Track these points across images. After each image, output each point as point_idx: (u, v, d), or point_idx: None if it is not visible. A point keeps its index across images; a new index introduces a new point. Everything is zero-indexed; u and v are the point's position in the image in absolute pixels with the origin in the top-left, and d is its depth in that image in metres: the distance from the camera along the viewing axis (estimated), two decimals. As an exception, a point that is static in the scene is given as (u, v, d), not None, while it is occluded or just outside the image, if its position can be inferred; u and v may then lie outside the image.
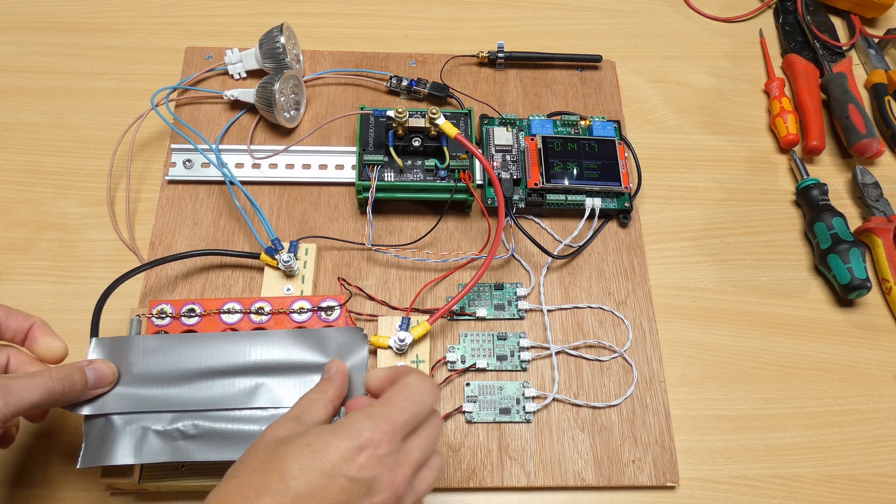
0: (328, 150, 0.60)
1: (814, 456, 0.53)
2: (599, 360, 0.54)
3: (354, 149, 0.59)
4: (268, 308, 0.48)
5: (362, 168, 0.55)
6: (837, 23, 0.75)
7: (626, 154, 0.61)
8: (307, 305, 0.48)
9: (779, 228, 0.63)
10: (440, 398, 0.37)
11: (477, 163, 0.58)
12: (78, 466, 0.41)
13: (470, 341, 0.54)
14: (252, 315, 0.48)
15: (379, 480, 0.34)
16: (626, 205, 0.59)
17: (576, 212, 0.59)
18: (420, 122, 0.55)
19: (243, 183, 0.57)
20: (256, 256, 0.53)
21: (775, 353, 0.57)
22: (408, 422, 0.35)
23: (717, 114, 0.68)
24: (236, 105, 0.63)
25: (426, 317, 0.51)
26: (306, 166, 0.60)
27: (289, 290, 0.53)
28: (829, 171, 0.66)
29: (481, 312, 0.54)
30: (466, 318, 0.55)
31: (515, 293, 0.56)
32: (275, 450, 0.34)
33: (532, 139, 0.60)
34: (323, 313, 0.48)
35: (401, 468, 0.35)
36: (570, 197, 0.59)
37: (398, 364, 0.50)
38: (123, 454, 0.42)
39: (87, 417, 0.42)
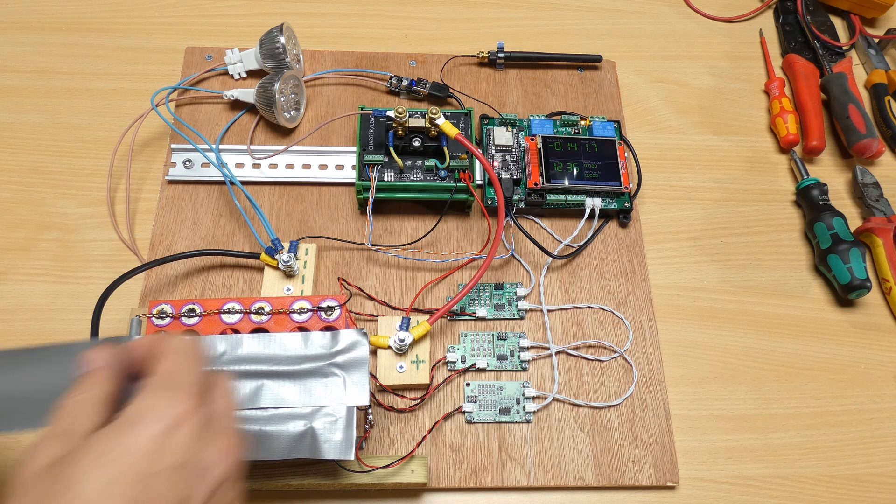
0: (328, 150, 0.60)
1: (814, 456, 0.53)
2: (599, 360, 0.54)
3: (354, 149, 0.59)
4: (268, 308, 0.48)
5: (362, 168, 0.55)
6: (837, 23, 0.75)
7: (626, 154, 0.61)
8: (307, 305, 0.48)
9: (779, 228, 0.63)
10: (204, 349, 0.34)
11: (477, 163, 0.58)
12: (78, 466, 0.41)
13: (470, 341, 0.54)
14: (252, 315, 0.48)
15: (204, 454, 0.28)
16: (626, 205, 0.59)
17: (576, 212, 0.59)
18: (420, 122, 0.55)
19: (243, 183, 0.57)
20: (256, 256, 0.53)
21: (775, 353, 0.57)
22: (199, 383, 0.30)
23: (717, 114, 0.68)
24: (236, 105, 0.63)
25: (426, 317, 0.51)
26: (306, 166, 0.60)
27: (289, 290, 0.53)
28: (829, 171, 0.66)
29: (481, 312, 0.54)
30: (466, 318, 0.55)
31: (515, 293, 0.56)
32: (53, 480, 0.26)
33: (532, 139, 0.60)
34: (323, 313, 0.48)
35: (222, 432, 0.30)
36: (570, 197, 0.59)
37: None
38: (123, 454, 0.42)
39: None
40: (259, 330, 0.48)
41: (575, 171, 0.58)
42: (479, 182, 0.58)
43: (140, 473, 0.26)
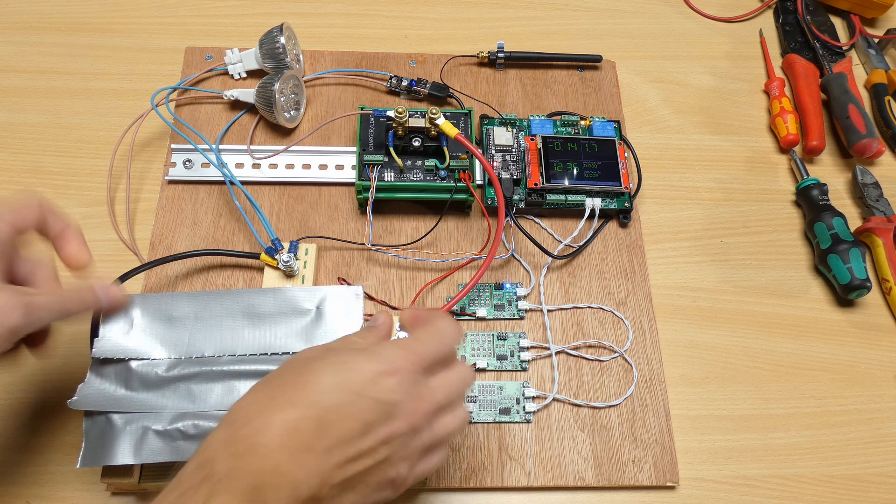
0: (328, 150, 0.60)
1: (814, 456, 0.53)
2: (599, 360, 0.54)
3: (354, 149, 0.59)
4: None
5: (362, 168, 0.55)
6: (837, 23, 0.75)
7: (626, 154, 0.61)
8: (307, 305, 0.48)
9: (779, 228, 0.63)
10: (461, 341, 0.39)
11: (477, 163, 0.58)
12: (78, 466, 0.41)
13: (470, 341, 0.54)
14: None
15: (401, 407, 0.34)
16: (626, 205, 0.59)
17: (576, 212, 0.59)
18: (420, 122, 0.55)
19: (243, 183, 0.57)
20: (256, 256, 0.53)
21: (775, 353, 0.57)
22: (433, 356, 0.36)
23: (717, 114, 0.68)
24: (236, 105, 0.63)
25: (426, 317, 0.51)
26: (306, 166, 0.60)
27: (289, 290, 0.53)
28: (829, 171, 0.66)
29: (481, 312, 0.54)
30: (466, 318, 0.55)
31: (515, 293, 0.56)
32: (306, 366, 0.35)
33: (532, 139, 0.60)
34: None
35: (422, 401, 0.35)
36: (570, 197, 0.59)
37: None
38: (123, 454, 0.42)
39: (87, 416, 0.42)
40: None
41: (575, 171, 0.58)
42: (479, 182, 0.58)
43: (355, 390, 0.33)
